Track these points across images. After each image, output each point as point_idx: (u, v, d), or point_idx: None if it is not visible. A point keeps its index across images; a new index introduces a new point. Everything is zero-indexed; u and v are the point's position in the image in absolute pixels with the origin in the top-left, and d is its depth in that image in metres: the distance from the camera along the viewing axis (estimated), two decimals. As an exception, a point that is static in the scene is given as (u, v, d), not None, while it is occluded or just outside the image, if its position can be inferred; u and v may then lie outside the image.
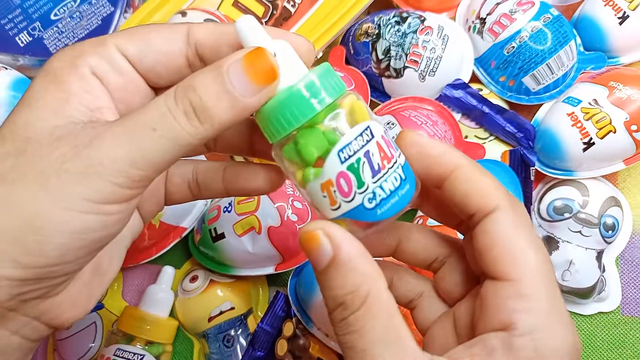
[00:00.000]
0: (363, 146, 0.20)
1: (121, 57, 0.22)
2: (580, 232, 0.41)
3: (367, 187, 0.20)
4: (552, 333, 0.20)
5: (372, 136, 0.20)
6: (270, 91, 0.21)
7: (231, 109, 0.20)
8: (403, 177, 0.21)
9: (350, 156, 0.20)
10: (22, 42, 0.47)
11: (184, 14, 0.41)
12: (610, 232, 0.41)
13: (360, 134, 0.20)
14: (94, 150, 0.20)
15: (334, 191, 0.20)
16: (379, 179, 0.20)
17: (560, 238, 0.41)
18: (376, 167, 0.20)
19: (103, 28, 0.47)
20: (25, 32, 0.47)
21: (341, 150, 0.20)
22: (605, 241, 0.41)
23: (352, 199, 0.20)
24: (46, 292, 0.22)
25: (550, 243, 0.41)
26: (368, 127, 0.20)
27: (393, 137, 0.22)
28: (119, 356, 0.39)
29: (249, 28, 0.21)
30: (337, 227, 0.20)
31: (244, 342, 0.41)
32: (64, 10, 0.47)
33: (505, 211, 0.22)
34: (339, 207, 0.21)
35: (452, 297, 0.25)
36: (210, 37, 0.23)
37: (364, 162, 0.20)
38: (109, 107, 0.22)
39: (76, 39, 0.46)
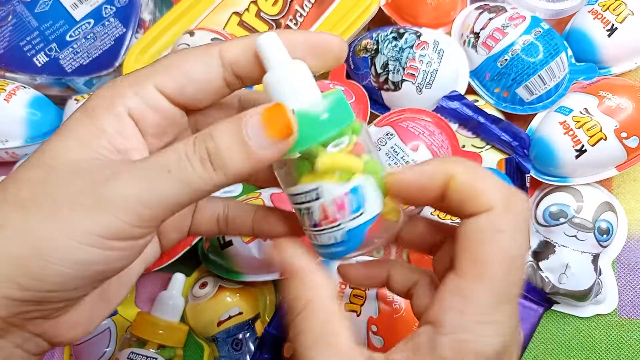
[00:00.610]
0: (307, 202, 0.22)
1: (160, 97, 0.23)
2: (575, 236, 0.42)
3: (307, 231, 0.23)
4: (478, 336, 0.20)
5: (317, 198, 0.22)
6: (286, 145, 0.21)
7: (246, 160, 0.21)
8: (340, 239, 0.23)
9: (298, 202, 0.23)
10: (39, 62, 0.49)
11: (192, 33, 0.43)
12: (604, 236, 0.42)
13: (307, 192, 0.22)
14: (108, 186, 0.20)
15: None
16: (317, 231, 0.23)
17: (556, 242, 0.42)
18: (314, 222, 0.22)
19: (116, 48, 0.49)
20: (42, 52, 0.49)
21: (294, 194, 0.23)
22: (601, 245, 0.42)
23: (304, 230, 0.24)
24: (48, 314, 0.22)
25: (547, 247, 0.43)
26: (317, 188, 0.22)
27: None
28: (132, 359, 0.41)
29: (269, 48, 0.22)
30: (295, 245, 0.24)
31: (251, 346, 0.43)
32: (79, 32, 0.49)
33: (491, 214, 0.21)
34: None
35: None
36: (242, 55, 0.23)
37: (304, 213, 0.23)
38: (137, 148, 0.23)
39: (90, 58, 0.49)
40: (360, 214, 0.22)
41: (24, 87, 0.49)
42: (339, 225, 0.22)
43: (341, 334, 0.22)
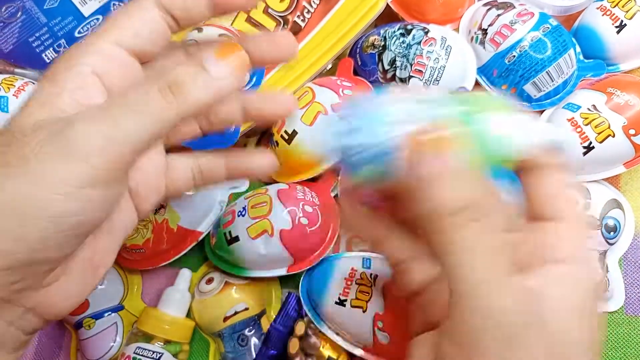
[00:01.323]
0: None
1: (118, 49, 0.23)
2: (582, 233, 0.42)
3: None
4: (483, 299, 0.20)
5: None
6: (242, 74, 0.23)
7: (206, 87, 0.22)
8: None
9: None
10: (48, 58, 0.49)
11: (199, 29, 0.44)
12: (611, 233, 0.42)
13: None
14: (70, 130, 0.20)
15: None
16: None
17: (563, 240, 0.42)
18: None
19: (124, 44, 0.49)
20: (51, 48, 0.50)
21: None
22: (608, 242, 0.42)
23: None
24: (36, 282, 0.22)
25: (554, 245, 0.43)
26: None
27: None
28: (139, 354, 0.41)
29: None
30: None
31: (257, 341, 0.43)
32: (88, 28, 0.49)
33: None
34: None
35: None
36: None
37: None
38: (102, 101, 0.23)
39: (98, 54, 0.49)
40: None
41: (33, 83, 0.49)
42: None
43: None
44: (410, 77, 0.44)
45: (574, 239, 0.22)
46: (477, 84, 0.46)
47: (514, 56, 0.44)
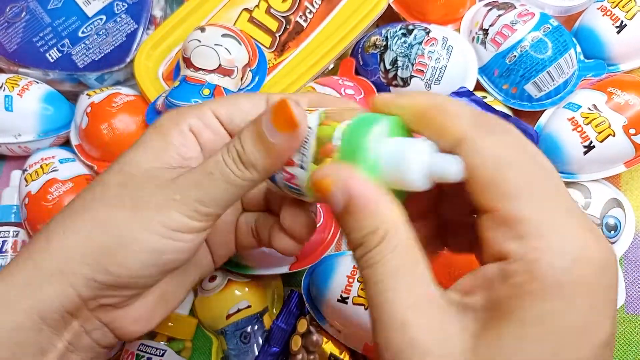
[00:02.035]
0: None
1: (214, 118, 0.28)
2: (583, 232, 0.42)
3: None
4: (546, 250, 0.19)
5: None
6: (297, 137, 0.24)
7: (267, 153, 0.24)
8: None
9: None
10: (52, 58, 0.50)
11: (202, 29, 0.44)
12: (612, 232, 0.42)
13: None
14: (172, 188, 0.25)
15: None
16: None
17: (563, 238, 0.43)
18: None
19: (127, 44, 0.49)
20: (55, 48, 0.50)
21: None
22: (608, 241, 0.42)
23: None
24: (120, 302, 0.26)
25: (554, 243, 0.43)
26: None
27: None
28: (142, 351, 0.41)
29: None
30: (353, 169, 0.21)
31: (260, 339, 0.43)
32: (91, 28, 0.50)
33: (476, 138, 0.21)
34: None
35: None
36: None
37: None
38: (197, 157, 0.28)
39: (102, 54, 0.49)
40: None
41: (37, 83, 0.50)
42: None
43: (421, 261, 0.21)
44: (411, 76, 0.45)
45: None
46: (478, 83, 0.47)
47: (515, 56, 0.44)
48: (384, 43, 0.46)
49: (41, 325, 0.25)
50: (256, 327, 0.44)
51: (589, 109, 0.42)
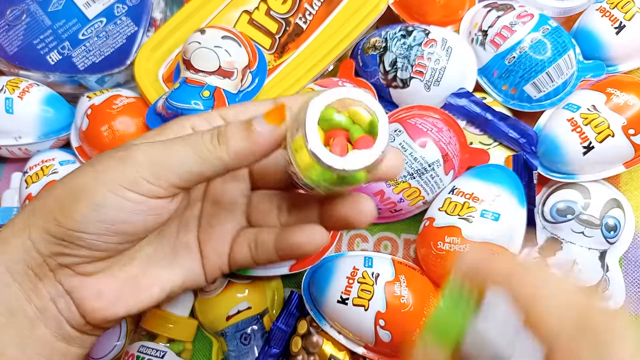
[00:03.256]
0: None
1: (220, 119, 0.29)
2: (583, 233, 0.42)
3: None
4: None
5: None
6: (279, 131, 0.25)
7: (246, 138, 0.25)
8: None
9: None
10: (52, 60, 0.50)
11: (202, 31, 0.44)
12: (612, 232, 0.42)
13: None
14: (138, 149, 0.26)
15: None
16: None
17: (563, 239, 0.43)
18: None
19: (127, 46, 0.50)
20: (55, 51, 0.50)
21: None
22: (608, 242, 0.42)
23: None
24: (78, 264, 0.26)
25: (554, 244, 0.43)
26: None
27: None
28: (142, 352, 0.41)
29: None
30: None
31: (260, 340, 0.43)
32: (92, 30, 0.50)
33: None
34: None
35: None
36: (292, 106, 0.27)
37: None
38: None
39: (102, 56, 0.49)
40: None
41: (37, 85, 0.50)
42: None
43: None
44: (411, 78, 0.45)
45: None
46: (477, 84, 0.47)
47: (514, 57, 0.44)
48: (384, 44, 0.46)
49: (8, 280, 0.26)
50: (256, 328, 0.44)
51: (588, 109, 0.42)
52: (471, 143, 0.46)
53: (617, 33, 0.45)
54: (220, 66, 0.43)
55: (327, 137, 0.24)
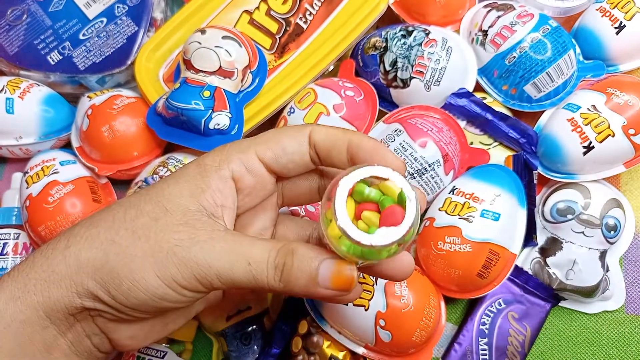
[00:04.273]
0: None
1: (258, 164, 0.28)
2: (583, 232, 0.42)
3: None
4: None
5: None
6: (343, 295, 0.26)
7: (305, 288, 0.26)
8: None
9: None
10: (52, 61, 0.50)
11: (203, 32, 0.44)
12: (612, 232, 0.42)
13: None
14: (199, 250, 0.25)
15: None
16: None
17: (564, 239, 0.43)
18: None
19: (128, 46, 0.50)
20: (55, 51, 0.50)
21: None
22: (608, 241, 0.42)
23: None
24: (114, 319, 0.27)
25: (555, 243, 0.43)
26: None
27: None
28: (143, 353, 0.41)
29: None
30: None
31: (260, 340, 0.43)
32: (92, 30, 0.50)
33: None
34: None
35: None
36: (326, 141, 0.28)
37: None
38: (230, 207, 0.28)
39: (103, 57, 0.49)
40: None
41: (38, 85, 0.50)
42: None
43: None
44: (411, 78, 0.45)
45: None
46: (477, 84, 0.47)
47: (514, 57, 0.44)
48: (384, 44, 0.46)
49: (46, 322, 0.26)
50: (257, 328, 0.44)
51: (589, 109, 0.42)
52: (471, 143, 0.46)
53: (617, 33, 0.45)
54: (220, 66, 0.43)
55: (358, 210, 0.24)
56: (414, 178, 0.42)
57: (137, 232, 0.26)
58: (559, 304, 0.43)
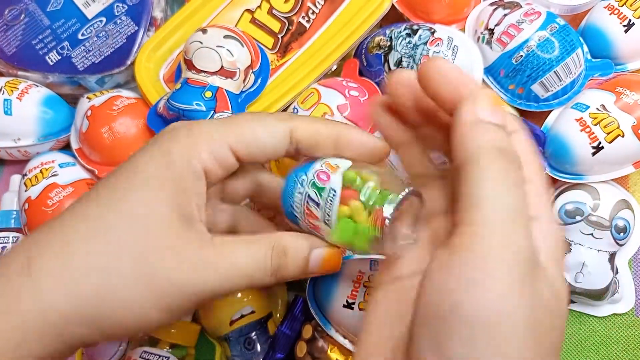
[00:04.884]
0: None
1: (230, 155, 0.25)
2: (592, 234, 0.41)
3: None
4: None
5: None
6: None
7: (295, 276, 0.25)
8: None
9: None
10: (51, 61, 0.49)
11: (204, 31, 0.43)
12: (621, 234, 0.41)
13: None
14: (193, 272, 0.23)
15: None
16: None
17: (572, 241, 0.42)
18: None
19: (128, 46, 0.49)
20: (54, 51, 0.49)
21: None
22: (617, 243, 0.41)
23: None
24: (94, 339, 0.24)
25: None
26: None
27: None
28: (144, 358, 0.41)
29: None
30: None
31: (264, 345, 0.43)
32: (91, 30, 0.49)
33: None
34: None
35: None
36: (310, 140, 0.26)
37: None
38: (203, 204, 0.25)
39: (102, 57, 0.49)
40: None
41: (36, 86, 0.49)
42: None
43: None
44: (416, 77, 0.44)
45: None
46: (484, 84, 0.46)
47: (522, 56, 0.43)
48: (388, 43, 0.45)
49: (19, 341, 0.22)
50: (260, 333, 0.43)
51: (598, 109, 0.41)
52: (478, 143, 0.45)
53: (626, 31, 0.44)
54: (222, 66, 0.42)
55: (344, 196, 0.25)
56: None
57: (116, 252, 0.23)
58: (568, 307, 0.43)
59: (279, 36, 0.48)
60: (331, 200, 0.24)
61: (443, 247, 0.20)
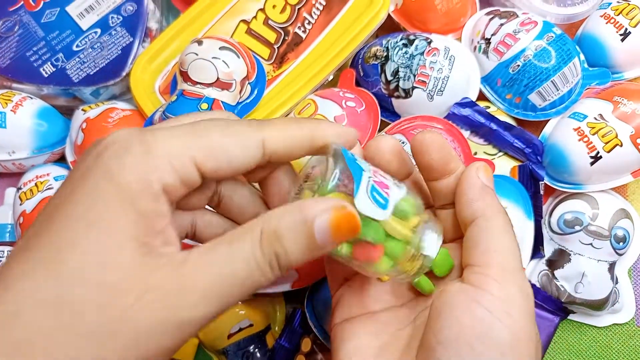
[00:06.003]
0: None
1: (195, 173, 0.22)
2: (591, 244, 0.41)
3: None
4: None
5: None
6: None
7: (309, 255, 0.21)
8: None
9: None
10: (46, 73, 0.49)
11: (200, 42, 0.43)
12: (621, 243, 0.41)
13: None
14: (185, 307, 0.20)
15: None
16: None
17: (572, 251, 0.42)
18: None
19: (123, 57, 0.48)
20: (49, 63, 0.49)
21: None
22: (617, 253, 0.41)
23: None
24: None
25: (562, 256, 0.42)
26: None
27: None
28: (141, 374, 0.40)
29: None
30: None
31: (262, 358, 0.42)
32: (86, 41, 0.49)
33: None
34: None
35: None
36: (284, 149, 0.24)
37: None
38: (166, 230, 0.21)
39: (97, 68, 0.48)
40: None
41: (31, 98, 0.49)
42: None
43: None
44: (413, 87, 0.44)
45: None
46: (481, 93, 0.46)
47: (518, 65, 0.43)
48: (385, 54, 0.45)
49: None
50: (259, 346, 0.43)
51: (595, 118, 0.41)
52: (475, 153, 0.45)
53: (623, 40, 0.44)
54: (218, 78, 0.42)
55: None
56: (418, 190, 0.41)
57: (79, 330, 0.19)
58: (568, 317, 0.42)
59: (275, 47, 0.48)
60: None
61: (459, 283, 0.24)
